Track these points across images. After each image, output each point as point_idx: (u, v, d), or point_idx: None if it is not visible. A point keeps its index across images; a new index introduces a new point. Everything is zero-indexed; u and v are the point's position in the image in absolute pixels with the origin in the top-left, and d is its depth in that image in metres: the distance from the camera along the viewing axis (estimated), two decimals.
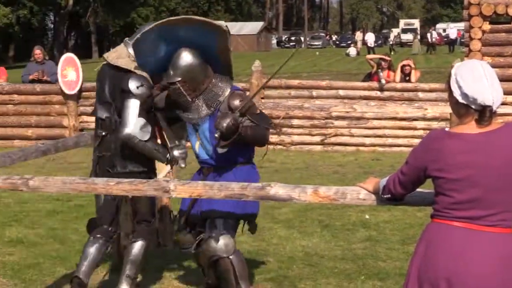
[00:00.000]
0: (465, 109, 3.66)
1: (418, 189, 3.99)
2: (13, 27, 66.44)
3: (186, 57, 5.72)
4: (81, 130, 16.12)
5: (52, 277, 7.21)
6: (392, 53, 49.36)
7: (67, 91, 16.42)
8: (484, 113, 3.60)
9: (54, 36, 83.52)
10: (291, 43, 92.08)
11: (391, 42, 63.53)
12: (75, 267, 7.40)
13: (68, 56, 17.07)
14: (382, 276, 7.14)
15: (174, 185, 4.65)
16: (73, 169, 13.23)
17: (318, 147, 15.66)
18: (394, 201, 4.09)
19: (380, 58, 17.10)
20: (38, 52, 17.30)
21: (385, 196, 4.03)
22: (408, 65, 16.61)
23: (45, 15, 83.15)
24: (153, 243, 6.85)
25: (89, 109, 16.49)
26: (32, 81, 17.19)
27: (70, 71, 16.48)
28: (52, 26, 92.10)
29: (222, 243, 5.80)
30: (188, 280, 7.06)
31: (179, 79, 5.70)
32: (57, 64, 17.04)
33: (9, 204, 10.58)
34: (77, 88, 16.45)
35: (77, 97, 16.59)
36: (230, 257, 5.83)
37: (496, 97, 3.61)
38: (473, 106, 3.62)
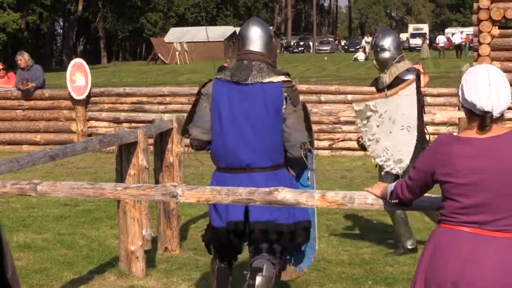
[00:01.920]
0: (470, 114, 3.66)
1: (426, 194, 3.97)
2: (22, 33, 66.62)
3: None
4: (89, 135, 16.10)
5: (59, 282, 7.21)
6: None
7: (75, 96, 16.43)
8: (484, 119, 3.60)
9: (63, 42, 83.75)
10: (300, 48, 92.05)
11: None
12: (82, 272, 7.44)
13: (77, 61, 17.10)
14: (389, 281, 7.13)
15: (181, 190, 4.64)
16: (81, 174, 13.23)
17: (326, 152, 15.63)
18: (402, 206, 4.08)
19: None
20: (18, 58, 17.04)
21: (392, 201, 4.02)
22: (417, 69, 16.56)
23: (55, 20, 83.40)
24: None
25: (97, 114, 16.53)
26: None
27: (79, 77, 16.50)
28: (61, 31, 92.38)
29: None
30: (195, 286, 7.06)
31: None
32: (65, 69, 17.00)
33: (17, 209, 10.59)
34: (86, 94, 16.46)
35: (86, 102, 16.61)
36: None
37: (497, 104, 3.59)
38: (475, 112, 3.62)
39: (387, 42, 8.09)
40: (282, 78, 5.45)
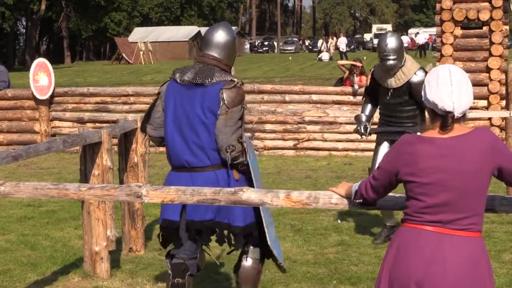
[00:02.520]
0: (432, 113, 3.70)
1: (390, 194, 4.00)
2: None
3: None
4: (53, 135, 16.00)
5: (23, 284, 7.16)
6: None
7: (39, 96, 16.32)
8: (446, 119, 3.63)
9: (26, 41, 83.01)
10: (264, 48, 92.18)
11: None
12: (46, 273, 7.38)
13: (40, 61, 16.97)
14: (354, 280, 7.15)
15: (146, 190, 4.63)
16: (45, 175, 13.13)
17: (291, 152, 15.67)
18: (366, 206, 4.09)
19: (352, 65, 17.15)
20: None
21: (357, 201, 4.04)
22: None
23: (17, 20, 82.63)
24: None
25: (61, 114, 16.42)
26: None
27: (42, 76, 16.38)
28: (24, 31, 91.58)
29: None
30: (160, 286, 7.04)
31: None
32: (28, 69, 16.83)
33: None
34: (49, 93, 16.35)
35: (49, 102, 16.49)
36: None
37: (459, 104, 3.62)
38: (437, 111, 3.65)
39: (392, 50, 8.13)
40: (228, 78, 5.51)
